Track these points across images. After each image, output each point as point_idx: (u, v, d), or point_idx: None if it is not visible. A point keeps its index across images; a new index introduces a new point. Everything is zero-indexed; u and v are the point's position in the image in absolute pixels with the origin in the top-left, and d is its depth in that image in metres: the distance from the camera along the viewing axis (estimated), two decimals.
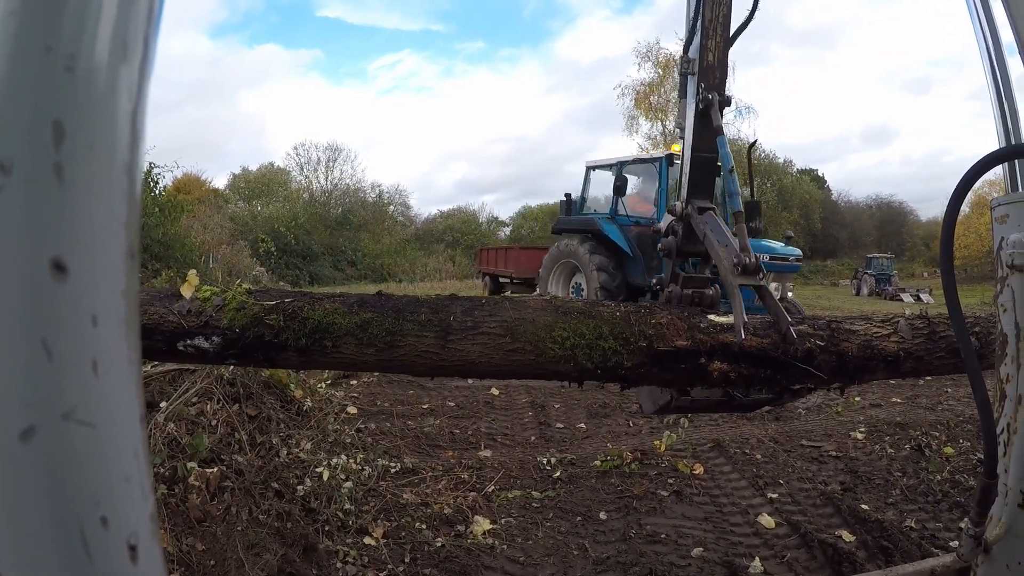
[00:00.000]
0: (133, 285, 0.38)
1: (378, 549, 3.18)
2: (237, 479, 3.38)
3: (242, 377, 4.28)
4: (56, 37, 0.36)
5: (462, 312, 1.68)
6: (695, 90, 2.15)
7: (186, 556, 2.75)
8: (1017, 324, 1.37)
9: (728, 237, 2.01)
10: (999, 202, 1.42)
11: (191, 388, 3.74)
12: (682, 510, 3.75)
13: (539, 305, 1.74)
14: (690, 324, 1.80)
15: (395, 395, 6.23)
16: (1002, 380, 1.43)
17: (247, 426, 3.95)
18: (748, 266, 1.84)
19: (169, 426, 3.33)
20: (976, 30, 1.60)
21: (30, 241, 0.34)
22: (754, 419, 5.55)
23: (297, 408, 4.61)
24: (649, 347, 1.72)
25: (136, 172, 0.38)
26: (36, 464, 0.34)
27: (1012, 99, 1.55)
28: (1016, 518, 1.37)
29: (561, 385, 6.85)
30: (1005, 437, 1.40)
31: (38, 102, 0.35)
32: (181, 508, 3.00)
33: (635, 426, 5.49)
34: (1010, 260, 1.35)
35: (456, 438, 4.96)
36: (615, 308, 1.82)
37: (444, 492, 3.83)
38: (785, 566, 3.11)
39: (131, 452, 0.37)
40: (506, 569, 3.11)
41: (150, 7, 0.39)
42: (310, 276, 25.62)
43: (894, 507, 3.76)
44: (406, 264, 30.05)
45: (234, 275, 11.03)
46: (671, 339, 1.73)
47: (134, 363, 0.38)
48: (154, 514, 0.39)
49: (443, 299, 1.75)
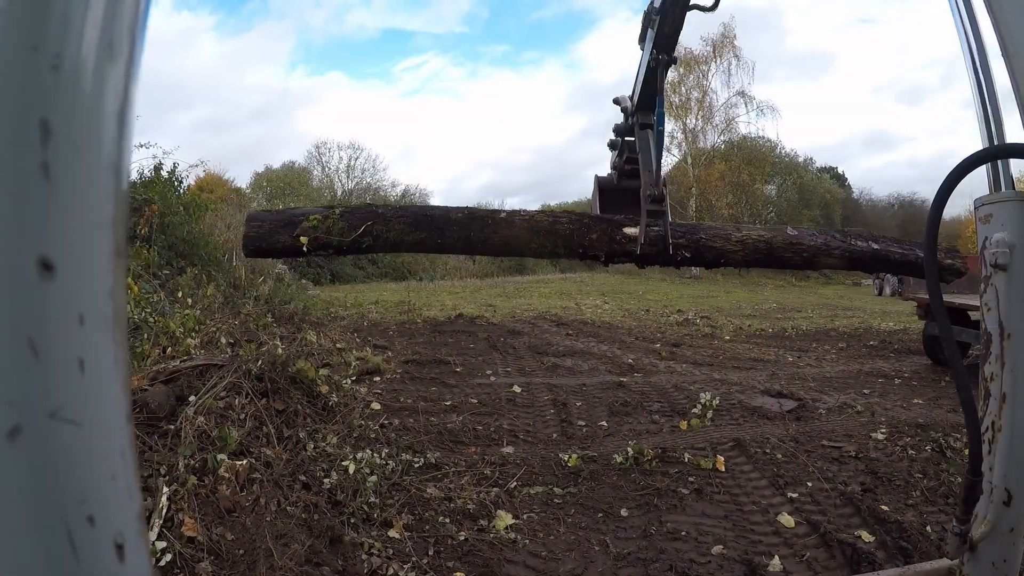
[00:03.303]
0: (120, 284, 0.38)
1: (402, 542, 3.21)
2: (265, 471, 3.44)
3: (269, 372, 4.36)
4: (42, 36, 0.36)
5: (479, 230, 2.67)
6: (651, 45, 2.67)
7: (216, 545, 2.81)
8: (1001, 323, 1.40)
9: (652, 162, 2.70)
10: (982, 202, 1.46)
11: (219, 383, 3.81)
12: (702, 508, 3.75)
13: (524, 226, 2.68)
14: (610, 238, 2.68)
15: (418, 392, 6.28)
16: (986, 379, 1.45)
17: (275, 420, 4.02)
18: (656, 197, 2.58)
19: (199, 419, 3.40)
20: (959, 32, 1.60)
21: (16, 240, 0.34)
22: (775, 419, 5.55)
23: (323, 403, 4.68)
24: (583, 252, 2.72)
25: (123, 171, 0.38)
26: (22, 463, 0.34)
27: (995, 100, 1.56)
28: (1001, 516, 1.40)
29: (582, 384, 6.84)
30: (989, 435, 1.43)
31: (24, 101, 0.35)
32: (211, 499, 3.06)
33: (656, 424, 5.46)
34: (993, 259, 1.39)
35: (479, 434, 4.98)
36: (567, 225, 2.69)
37: (467, 487, 3.85)
38: (804, 565, 3.10)
39: (118, 451, 0.37)
40: (528, 563, 3.12)
41: (137, 7, 0.39)
42: (331, 274, 25.91)
43: (914, 508, 3.72)
44: (427, 263, 30.17)
45: (256, 272, 11.21)
46: (597, 250, 2.70)
47: (121, 362, 0.38)
48: (141, 513, 0.39)
49: (467, 219, 2.69)
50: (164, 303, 5.99)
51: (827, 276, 31.66)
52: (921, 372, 7.62)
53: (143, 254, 7.81)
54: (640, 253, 2.60)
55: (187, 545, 2.68)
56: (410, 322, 11.61)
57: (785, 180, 36.47)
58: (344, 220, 2.63)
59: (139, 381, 3.53)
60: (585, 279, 26.61)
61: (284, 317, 9.08)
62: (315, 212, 2.68)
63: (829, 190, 38.86)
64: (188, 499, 2.89)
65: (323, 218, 2.63)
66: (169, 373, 3.80)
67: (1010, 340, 1.39)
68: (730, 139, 31.98)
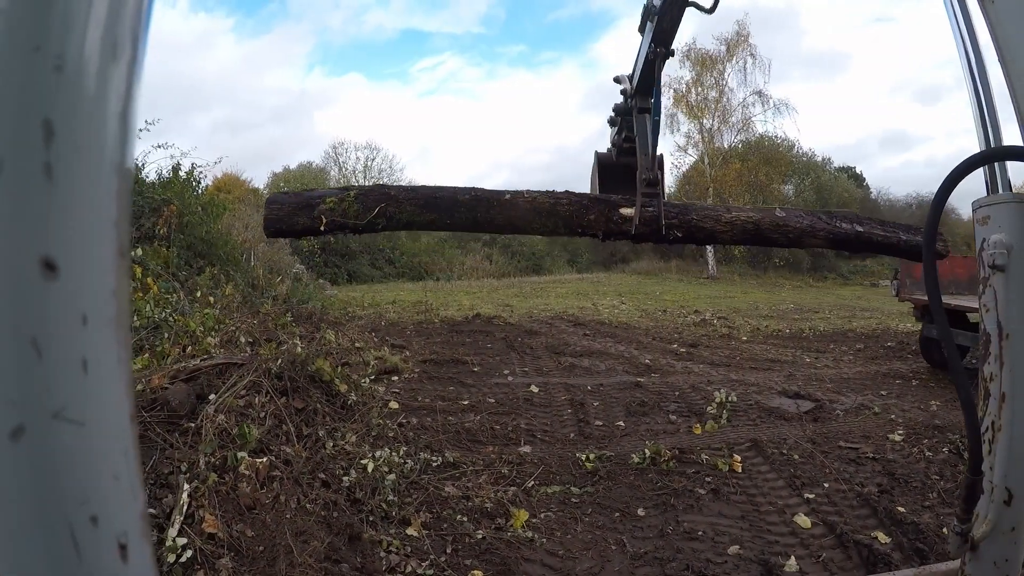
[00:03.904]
0: (123, 284, 0.38)
1: (420, 540, 3.23)
2: (285, 469, 3.47)
3: (289, 371, 4.41)
4: (45, 36, 0.36)
5: (484, 211, 2.79)
6: (649, 37, 2.76)
7: (236, 542, 2.84)
8: (999, 323, 1.41)
9: (648, 147, 2.84)
10: (980, 204, 1.47)
11: (239, 381, 3.86)
12: (719, 508, 3.75)
13: (527, 207, 2.79)
14: (607, 218, 2.80)
15: (436, 391, 6.30)
16: (986, 379, 1.46)
17: (294, 418, 4.06)
18: (651, 181, 2.77)
19: (219, 417, 3.44)
20: (955, 36, 1.62)
21: (20, 240, 0.34)
22: (792, 420, 5.52)
23: (342, 402, 4.72)
24: (583, 231, 2.84)
25: (126, 171, 0.38)
26: (25, 463, 0.34)
27: (992, 102, 1.57)
28: (1001, 515, 1.41)
29: (599, 384, 6.82)
30: (989, 435, 1.45)
31: (27, 101, 0.35)
32: (232, 496, 3.10)
33: (673, 424, 5.43)
34: (991, 260, 1.40)
35: (496, 434, 4.99)
36: (568, 207, 2.81)
37: (484, 486, 3.86)
38: (820, 566, 3.10)
39: (121, 451, 0.37)
40: (545, 562, 3.12)
41: (139, 7, 0.39)
42: (348, 274, 26.01)
43: (931, 510, 3.70)
44: (444, 263, 30.22)
45: (275, 272, 11.31)
46: (595, 229, 2.83)
47: (124, 362, 0.38)
48: (144, 513, 0.39)
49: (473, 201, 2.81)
50: (183, 302, 6.07)
51: (844, 277, 31.25)
52: (939, 374, 7.50)
53: (162, 254, 7.91)
54: (635, 233, 2.81)
55: (207, 541, 2.71)
56: (428, 322, 11.66)
57: (803, 180, 35.98)
58: (359, 202, 2.76)
59: (160, 379, 3.58)
60: (602, 279, 26.49)
61: (302, 316, 9.17)
62: (331, 194, 2.80)
63: (847, 190, 38.26)
64: (209, 496, 2.92)
65: (339, 200, 2.76)
66: (189, 372, 3.85)
67: (1009, 340, 1.40)
68: (747, 139, 31.62)
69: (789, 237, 3.02)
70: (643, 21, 2.90)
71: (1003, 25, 1.36)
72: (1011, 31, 1.35)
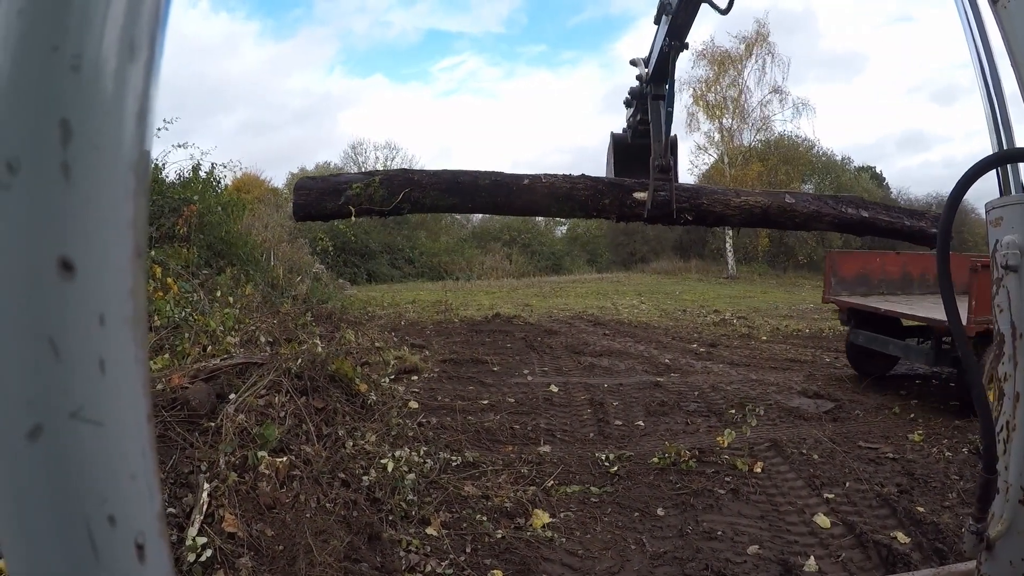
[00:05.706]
0: (140, 283, 0.38)
1: (440, 539, 3.23)
2: (305, 468, 3.50)
3: (309, 371, 4.44)
4: (63, 36, 0.36)
5: (504, 195, 2.93)
6: (665, 31, 2.85)
7: (256, 541, 2.86)
8: (1013, 323, 1.40)
9: (662, 134, 2.97)
10: (993, 205, 1.47)
11: (260, 381, 3.90)
12: (739, 508, 3.73)
13: (545, 192, 2.94)
14: (621, 202, 3.00)
15: (455, 391, 6.31)
16: (1000, 379, 1.46)
17: (314, 418, 4.09)
18: (663, 167, 2.93)
19: (239, 417, 3.48)
20: (967, 38, 1.63)
21: (37, 240, 0.34)
22: (812, 420, 5.49)
23: (362, 402, 4.74)
24: (599, 214, 3.04)
25: (143, 171, 0.38)
26: (43, 463, 0.34)
27: (1004, 105, 1.57)
28: (1017, 514, 1.40)
29: (619, 384, 6.78)
30: (1004, 435, 1.44)
31: (45, 101, 0.35)
32: (252, 495, 3.13)
33: (693, 424, 5.40)
34: (1004, 261, 1.40)
35: (516, 433, 4.98)
36: (584, 191, 2.98)
37: (504, 486, 3.85)
38: (840, 565, 3.08)
39: (138, 451, 0.37)
40: (564, 561, 3.12)
41: (157, 7, 0.39)
42: (367, 273, 26.15)
43: (950, 510, 3.66)
44: (463, 262, 30.22)
45: (294, 272, 11.40)
46: (610, 212, 3.03)
47: (141, 361, 0.38)
48: (161, 513, 0.39)
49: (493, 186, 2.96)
50: (204, 302, 6.14)
51: None
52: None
53: (182, 253, 8.00)
54: (648, 216, 2.97)
55: (227, 540, 2.74)
56: (447, 321, 11.69)
57: (823, 180, 35.43)
58: (384, 187, 2.96)
59: (180, 379, 3.63)
60: (621, 279, 26.35)
61: (322, 316, 9.24)
62: (357, 180, 2.94)
63: (867, 190, 37.63)
64: (229, 495, 2.96)
65: (364, 185, 2.90)
66: (210, 371, 3.90)
67: (1022, 340, 1.40)
68: (766, 138, 31.19)
69: (796, 221, 3.12)
70: (659, 14, 2.97)
71: (1015, 28, 1.36)
72: (1023, 35, 1.35)
